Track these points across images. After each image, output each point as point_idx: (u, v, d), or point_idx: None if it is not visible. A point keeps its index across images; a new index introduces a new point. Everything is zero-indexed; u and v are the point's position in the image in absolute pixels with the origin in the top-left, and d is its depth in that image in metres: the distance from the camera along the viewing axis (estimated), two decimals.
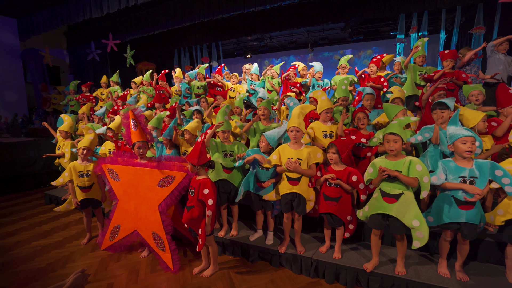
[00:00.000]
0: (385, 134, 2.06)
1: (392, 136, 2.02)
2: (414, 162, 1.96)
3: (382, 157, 2.16)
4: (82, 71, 9.47)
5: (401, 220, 1.99)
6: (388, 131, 2.05)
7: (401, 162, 2.01)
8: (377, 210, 2.10)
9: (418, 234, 1.98)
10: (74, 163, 2.95)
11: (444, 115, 2.36)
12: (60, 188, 4.71)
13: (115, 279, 2.43)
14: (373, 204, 2.14)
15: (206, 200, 2.18)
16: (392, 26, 8.88)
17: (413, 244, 2.01)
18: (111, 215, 2.83)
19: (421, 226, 1.95)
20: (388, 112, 2.71)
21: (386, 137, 2.06)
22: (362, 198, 2.28)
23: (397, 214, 2.00)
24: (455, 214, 1.94)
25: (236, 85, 5.12)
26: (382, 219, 2.09)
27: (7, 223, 3.73)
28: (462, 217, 1.92)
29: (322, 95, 2.88)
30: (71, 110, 6.28)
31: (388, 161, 2.07)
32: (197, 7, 6.83)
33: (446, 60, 3.43)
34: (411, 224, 1.97)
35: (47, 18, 7.55)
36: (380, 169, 1.99)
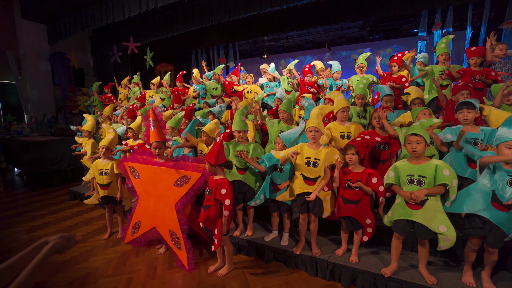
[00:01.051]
0: (407, 135, 1.99)
1: (415, 137, 1.94)
2: (441, 166, 1.88)
3: (404, 160, 2.07)
4: (105, 73, 9.89)
5: (428, 226, 1.91)
6: (409, 132, 1.98)
7: (426, 166, 1.93)
8: (401, 216, 2.02)
9: (444, 238, 1.90)
10: (97, 161, 3.09)
11: (470, 116, 2.24)
12: (83, 185, 4.95)
13: (134, 274, 2.51)
14: (396, 210, 2.06)
15: (224, 200, 2.21)
16: (413, 23, 8.56)
17: (439, 246, 1.93)
18: (133, 211, 2.94)
19: (448, 231, 1.88)
20: (413, 113, 2.62)
21: (407, 138, 1.98)
22: (381, 200, 2.22)
23: (423, 220, 1.92)
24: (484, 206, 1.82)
25: (253, 85, 5.14)
26: (407, 224, 2.01)
27: (37, 217, 3.96)
28: (488, 213, 1.80)
29: (338, 94, 2.84)
30: (94, 111, 6.58)
31: (411, 165, 1.98)
32: (214, 9, 6.93)
33: (473, 57, 3.24)
34: (438, 229, 1.89)
35: (73, 23, 7.95)
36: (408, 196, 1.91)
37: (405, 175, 2.00)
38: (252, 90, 5.01)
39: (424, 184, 1.92)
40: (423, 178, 1.93)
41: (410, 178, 1.97)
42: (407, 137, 1.98)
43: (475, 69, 3.23)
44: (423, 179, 1.93)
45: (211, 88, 5.22)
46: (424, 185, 1.92)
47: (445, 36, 3.57)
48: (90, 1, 7.07)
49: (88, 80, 10.11)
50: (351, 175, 2.24)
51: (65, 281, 2.43)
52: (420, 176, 1.94)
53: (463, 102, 2.28)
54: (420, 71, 3.66)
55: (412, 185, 1.96)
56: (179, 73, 5.79)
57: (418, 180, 1.94)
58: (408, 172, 1.98)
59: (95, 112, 6.32)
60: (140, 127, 3.89)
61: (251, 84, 5.21)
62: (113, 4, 6.89)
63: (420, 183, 1.93)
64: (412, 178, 1.96)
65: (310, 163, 2.34)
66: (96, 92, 6.78)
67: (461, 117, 2.27)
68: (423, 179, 1.93)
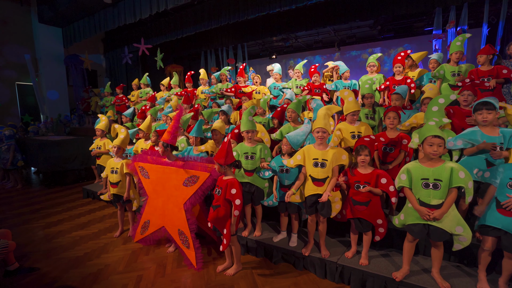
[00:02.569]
0: (428, 136, 1.88)
1: (437, 139, 1.84)
2: (456, 169, 1.81)
3: (416, 162, 2.00)
4: (116, 74, 10.13)
5: (443, 228, 1.86)
6: (432, 134, 1.86)
7: (440, 169, 1.85)
8: (416, 220, 1.95)
9: (461, 239, 1.86)
10: (111, 160, 3.17)
11: (490, 117, 2.13)
12: (96, 183, 5.08)
13: (144, 272, 2.56)
14: (410, 213, 2.00)
15: (234, 200, 2.21)
16: (426, 22, 8.37)
17: (454, 246, 1.89)
18: (142, 210, 2.99)
19: (465, 232, 1.84)
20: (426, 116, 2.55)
21: (429, 140, 1.86)
22: (393, 201, 2.16)
23: (438, 223, 1.87)
24: (493, 218, 1.81)
25: (261, 86, 5.13)
26: (423, 227, 1.94)
27: (52, 213, 4.09)
28: (500, 223, 1.77)
29: (350, 95, 2.75)
30: (106, 111, 6.74)
31: (425, 168, 1.90)
32: (223, 10, 6.97)
33: (481, 55, 3.14)
34: (454, 231, 1.85)
35: (87, 26, 8.19)
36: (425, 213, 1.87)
37: (419, 179, 1.91)
38: (260, 91, 5.01)
39: (440, 188, 1.84)
40: (439, 182, 1.84)
41: (425, 182, 1.89)
42: (428, 138, 1.87)
43: (483, 68, 3.14)
44: (439, 182, 1.84)
45: (219, 90, 5.28)
46: (440, 189, 1.84)
47: (462, 35, 3.44)
48: (103, 5, 7.25)
49: (100, 81, 10.38)
50: (359, 176, 2.20)
51: (79, 276, 2.49)
52: (435, 179, 1.86)
53: (482, 102, 2.17)
54: (434, 78, 3.55)
55: (428, 189, 1.88)
56: (187, 73, 5.84)
57: (434, 184, 1.86)
58: (422, 176, 1.90)
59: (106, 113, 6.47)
60: (150, 127, 3.97)
61: (259, 84, 5.22)
62: (125, 7, 7.05)
63: (436, 187, 1.85)
64: (427, 182, 1.88)
65: (317, 164, 2.31)
66: (108, 93, 6.94)
67: (480, 118, 2.17)
68: (439, 183, 1.85)
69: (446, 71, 3.46)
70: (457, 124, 2.59)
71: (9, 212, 4.20)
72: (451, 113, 2.64)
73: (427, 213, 1.86)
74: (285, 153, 2.58)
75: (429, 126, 1.92)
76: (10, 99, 8.41)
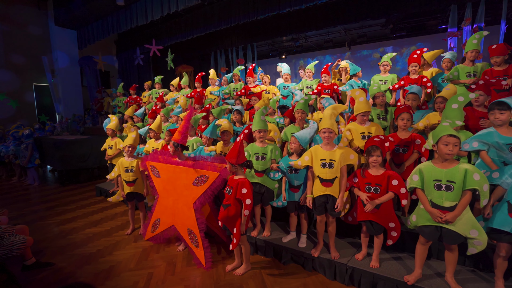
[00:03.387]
0: (443, 136, 1.83)
1: (453, 139, 1.78)
2: (471, 171, 1.75)
3: (429, 162, 1.95)
4: (129, 75, 10.34)
5: (457, 231, 1.81)
6: (447, 133, 1.81)
7: (455, 170, 1.80)
8: (428, 221, 1.92)
9: (476, 242, 1.80)
10: (122, 160, 3.23)
11: (502, 118, 2.07)
12: (108, 182, 5.19)
13: (155, 269, 2.60)
14: (422, 215, 1.96)
15: (244, 199, 2.22)
16: (440, 19, 8.15)
17: (469, 250, 1.83)
18: (153, 209, 3.04)
19: (480, 235, 1.78)
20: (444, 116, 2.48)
21: (444, 139, 1.81)
22: (403, 203, 2.11)
23: (451, 226, 1.83)
24: (504, 221, 1.77)
25: (270, 86, 5.13)
26: (435, 229, 1.89)
27: (66, 211, 4.22)
28: (509, 226, 1.72)
29: (361, 95, 2.69)
30: (118, 111, 6.88)
31: (438, 169, 1.85)
32: (233, 10, 7.01)
33: (492, 57, 3.04)
34: (468, 234, 1.79)
35: (101, 28, 8.40)
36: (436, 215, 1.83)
37: (431, 180, 1.87)
38: (270, 90, 5.01)
39: (453, 189, 1.79)
40: (452, 184, 1.80)
41: (438, 183, 1.84)
42: (443, 138, 1.81)
43: (497, 68, 3.03)
44: (452, 184, 1.80)
45: (232, 91, 5.30)
46: (453, 191, 1.79)
47: (478, 32, 3.30)
48: (116, 7, 7.41)
49: (113, 82, 10.62)
50: (370, 178, 2.16)
51: (92, 273, 2.56)
52: (448, 181, 1.81)
53: (496, 102, 2.12)
54: (448, 80, 3.44)
55: (440, 191, 1.83)
56: (198, 74, 5.89)
57: (447, 186, 1.81)
58: (435, 177, 1.86)
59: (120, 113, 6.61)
60: (160, 127, 4.03)
61: (268, 84, 5.21)
62: (137, 9, 7.19)
63: (448, 188, 1.81)
64: (439, 183, 1.84)
65: (325, 164, 2.29)
66: (120, 93, 7.08)
67: (492, 119, 2.12)
68: (452, 185, 1.80)
69: (460, 72, 3.34)
70: (470, 125, 2.52)
71: (26, 208, 4.36)
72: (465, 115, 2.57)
73: (438, 216, 1.82)
74: (293, 152, 2.57)
75: (443, 126, 1.87)
76: (27, 99, 8.72)
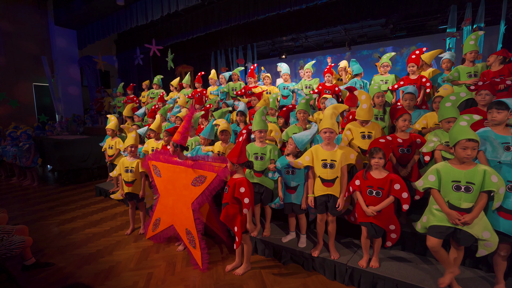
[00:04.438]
0: (461, 140, 1.77)
1: (472, 143, 1.75)
2: (489, 172, 1.75)
3: (446, 163, 1.91)
4: (128, 75, 10.33)
5: (470, 232, 1.80)
6: (466, 137, 1.76)
7: (474, 171, 1.78)
8: (440, 222, 1.88)
9: (487, 244, 1.79)
10: (123, 159, 3.23)
11: (499, 117, 2.06)
12: (108, 182, 5.19)
13: (155, 269, 2.60)
14: (436, 215, 1.91)
15: (242, 198, 2.23)
16: (440, 19, 8.15)
17: (479, 252, 1.83)
18: (154, 208, 3.05)
19: (492, 237, 1.77)
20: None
21: (464, 143, 1.77)
22: (404, 208, 2.07)
23: (468, 227, 1.81)
24: (496, 222, 1.79)
25: (271, 86, 5.13)
26: (447, 229, 1.87)
27: (66, 211, 4.22)
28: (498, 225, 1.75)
29: (365, 102, 2.63)
30: (118, 111, 6.88)
31: (457, 170, 1.82)
32: (234, 10, 7.00)
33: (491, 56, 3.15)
34: (481, 235, 1.78)
35: (101, 28, 8.39)
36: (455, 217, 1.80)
37: (449, 181, 1.84)
38: (270, 91, 5.00)
39: (473, 191, 1.77)
40: (471, 185, 1.78)
41: (457, 185, 1.81)
42: (461, 142, 1.78)
43: (493, 69, 3.11)
44: (472, 185, 1.78)
45: (230, 90, 5.29)
46: (472, 192, 1.77)
47: (474, 33, 3.31)
48: (116, 7, 7.40)
49: (113, 82, 10.61)
50: (372, 181, 2.13)
51: (92, 273, 2.56)
52: (468, 182, 1.78)
53: (495, 101, 2.11)
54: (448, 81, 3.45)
55: (459, 192, 1.80)
56: (198, 74, 5.89)
57: (466, 187, 1.79)
58: (454, 178, 1.82)
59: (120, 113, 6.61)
60: (160, 127, 4.03)
61: (269, 84, 5.21)
62: (137, 9, 7.18)
63: (468, 190, 1.78)
64: (459, 184, 1.81)
65: (326, 165, 2.29)
66: (120, 93, 7.08)
67: (490, 118, 2.12)
68: (471, 186, 1.78)
69: (461, 72, 3.35)
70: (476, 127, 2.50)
71: (26, 208, 4.36)
72: None
73: (457, 217, 1.79)
74: (289, 153, 2.55)
75: (461, 127, 1.80)
76: (27, 99, 8.72)
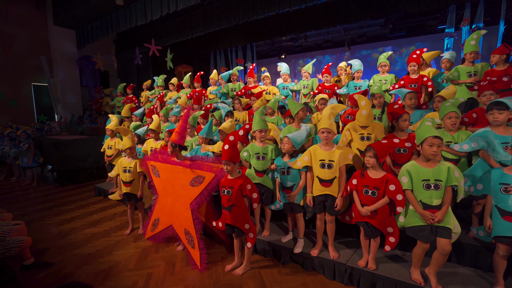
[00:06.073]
0: (428, 137, 1.89)
1: (437, 140, 1.87)
2: (452, 168, 1.88)
3: (413, 163, 2.00)
4: (128, 75, 10.31)
5: (447, 226, 1.90)
6: (432, 134, 1.88)
7: (439, 169, 1.89)
8: (418, 222, 1.95)
9: (454, 236, 1.93)
10: (122, 159, 3.23)
11: (501, 118, 2.08)
12: (107, 182, 5.19)
13: (154, 269, 2.60)
14: (412, 215, 1.99)
15: (251, 194, 2.32)
16: (439, 19, 8.16)
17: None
18: (153, 208, 3.05)
19: (459, 229, 1.93)
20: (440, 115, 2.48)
21: (430, 140, 1.89)
22: (398, 210, 2.05)
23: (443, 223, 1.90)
24: (502, 228, 1.79)
25: (271, 87, 5.12)
26: (430, 232, 1.92)
27: (65, 211, 4.21)
28: (510, 231, 1.75)
29: (365, 109, 2.61)
30: (117, 111, 6.87)
31: (426, 169, 1.92)
32: (233, 10, 6.99)
33: (494, 55, 3.10)
34: (454, 229, 1.91)
35: (100, 28, 8.37)
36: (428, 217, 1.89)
37: (420, 180, 1.93)
38: (270, 91, 5.00)
39: (441, 188, 1.87)
40: (440, 182, 1.88)
41: (427, 183, 1.90)
42: (428, 139, 1.90)
43: (498, 68, 3.07)
44: (440, 182, 1.88)
45: (230, 90, 5.29)
46: (441, 189, 1.87)
47: (476, 32, 3.30)
48: (115, 7, 7.39)
49: (112, 82, 10.59)
50: (368, 180, 2.12)
51: (91, 273, 2.56)
52: (436, 180, 1.89)
53: (494, 102, 2.13)
54: (448, 80, 3.46)
55: (429, 190, 1.90)
56: (197, 74, 5.89)
57: (435, 185, 1.89)
58: (423, 177, 1.92)
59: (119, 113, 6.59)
60: (160, 126, 4.02)
61: (268, 84, 5.20)
62: (136, 8, 7.17)
63: (437, 187, 1.88)
64: (428, 183, 1.90)
65: (324, 165, 2.30)
66: (121, 93, 7.07)
67: (491, 119, 2.14)
68: (439, 183, 1.88)
69: (461, 72, 3.36)
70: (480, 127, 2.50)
71: (25, 209, 4.35)
72: (474, 117, 2.57)
73: (431, 217, 1.88)
74: (285, 152, 2.54)
75: (427, 126, 1.93)
76: (26, 99, 8.70)
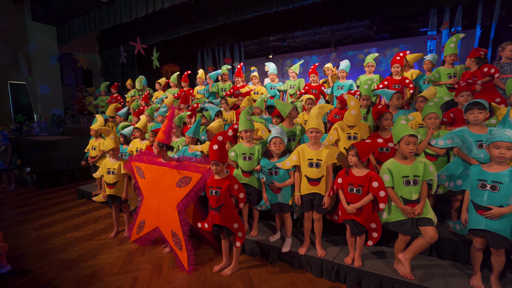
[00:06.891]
0: (404, 136, 2.00)
1: (413, 138, 1.99)
2: (427, 164, 2.02)
3: (392, 161, 2.10)
4: (112, 73, 10.02)
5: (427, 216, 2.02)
6: (408, 133, 1.99)
7: (416, 165, 2.01)
8: (400, 217, 2.07)
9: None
10: (106, 160, 3.13)
11: (481, 117, 2.20)
12: (91, 184, 5.02)
13: (140, 273, 2.54)
14: (394, 211, 2.10)
15: (238, 194, 2.32)
16: (421, 23, 8.44)
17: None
18: (138, 210, 2.97)
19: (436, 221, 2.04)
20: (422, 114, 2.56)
21: (407, 139, 1.99)
22: (381, 207, 2.10)
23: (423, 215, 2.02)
24: (476, 221, 1.89)
25: (259, 86, 5.13)
26: (411, 224, 2.04)
27: (45, 215, 4.04)
28: (482, 224, 1.85)
29: (354, 109, 2.63)
30: (101, 111, 6.67)
31: (405, 166, 2.04)
32: (220, 9, 6.95)
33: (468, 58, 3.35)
34: (434, 219, 2.03)
35: (82, 25, 8.08)
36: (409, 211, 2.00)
37: (400, 177, 2.03)
38: (258, 91, 5.00)
39: (419, 183, 2.00)
40: (418, 178, 2.00)
41: (407, 180, 2.01)
42: (404, 137, 2.01)
43: (472, 70, 3.29)
44: (418, 178, 2.00)
45: (219, 90, 5.26)
46: (418, 184, 2.00)
47: (455, 35, 3.47)
48: (99, 3, 7.17)
49: (96, 81, 10.26)
50: (353, 178, 2.15)
51: (73, 279, 2.46)
52: (414, 176, 2.00)
53: (474, 102, 2.24)
54: (429, 82, 3.60)
55: (409, 186, 2.01)
56: (184, 73, 5.81)
57: (414, 180, 2.00)
58: (403, 174, 2.02)
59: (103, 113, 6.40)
60: (146, 126, 3.94)
61: (256, 84, 5.20)
62: (121, 5, 6.98)
63: (415, 182, 2.00)
64: (408, 179, 2.01)
65: (312, 164, 2.33)
66: (104, 92, 6.86)
67: (472, 118, 2.24)
68: (417, 179, 2.00)
69: (441, 73, 3.52)
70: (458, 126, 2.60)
71: (1, 213, 4.14)
72: (451, 117, 2.68)
73: (411, 211, 1.99)
74: (276, 154, 2.53)
75: (402, 125, 2.04)
76: (2, 98, 8.27)
